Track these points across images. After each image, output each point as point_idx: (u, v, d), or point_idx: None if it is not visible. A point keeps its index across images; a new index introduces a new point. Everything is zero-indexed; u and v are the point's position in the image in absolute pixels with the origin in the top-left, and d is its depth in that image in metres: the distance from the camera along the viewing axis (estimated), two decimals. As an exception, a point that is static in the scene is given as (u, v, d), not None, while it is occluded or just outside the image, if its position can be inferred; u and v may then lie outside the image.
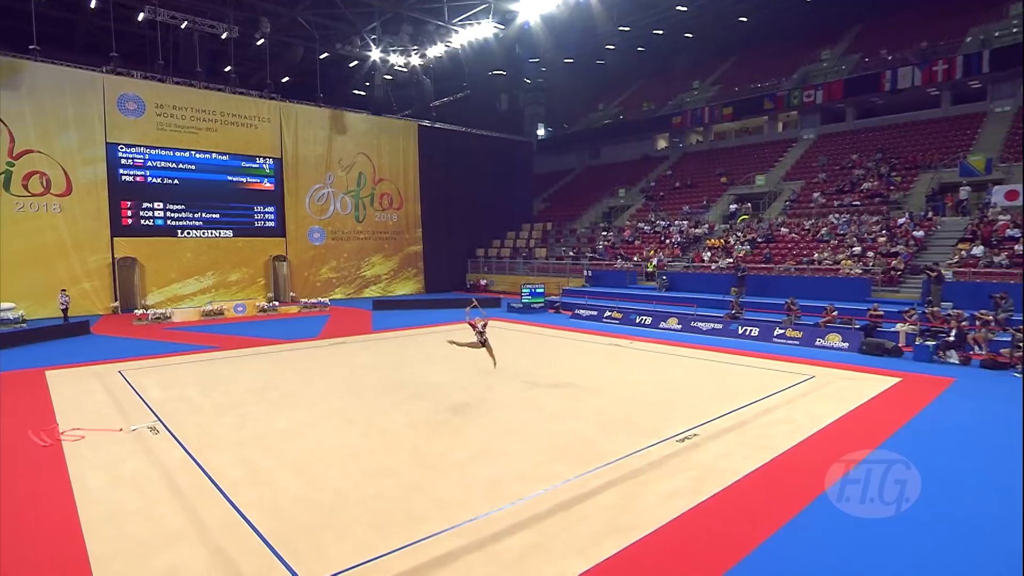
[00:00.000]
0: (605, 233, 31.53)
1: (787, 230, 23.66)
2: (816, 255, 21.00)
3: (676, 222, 28.82)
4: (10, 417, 9.17)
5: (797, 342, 15.18)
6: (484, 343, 10.02)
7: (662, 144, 39.53)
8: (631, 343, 15.09)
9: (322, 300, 24.69)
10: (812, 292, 18.76)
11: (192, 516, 5.80)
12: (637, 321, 18.98)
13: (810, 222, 23.50)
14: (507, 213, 36.62)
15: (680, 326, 17.90)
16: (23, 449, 7.74)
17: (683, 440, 7.72)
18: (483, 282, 32.91)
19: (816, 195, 25.43)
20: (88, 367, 12.80)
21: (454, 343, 10.23)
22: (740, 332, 16.53)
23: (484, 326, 10.01)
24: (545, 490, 6.22)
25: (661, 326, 18.22)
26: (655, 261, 25.38)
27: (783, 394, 10.01)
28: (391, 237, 31.89)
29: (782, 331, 15.76)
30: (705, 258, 24.35)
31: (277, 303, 24.10)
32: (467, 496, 6.11)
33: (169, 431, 8.34)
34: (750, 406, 9.20)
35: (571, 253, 30.77)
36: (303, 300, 24.67)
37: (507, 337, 16.95)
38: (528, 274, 30.96)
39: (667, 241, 27.39)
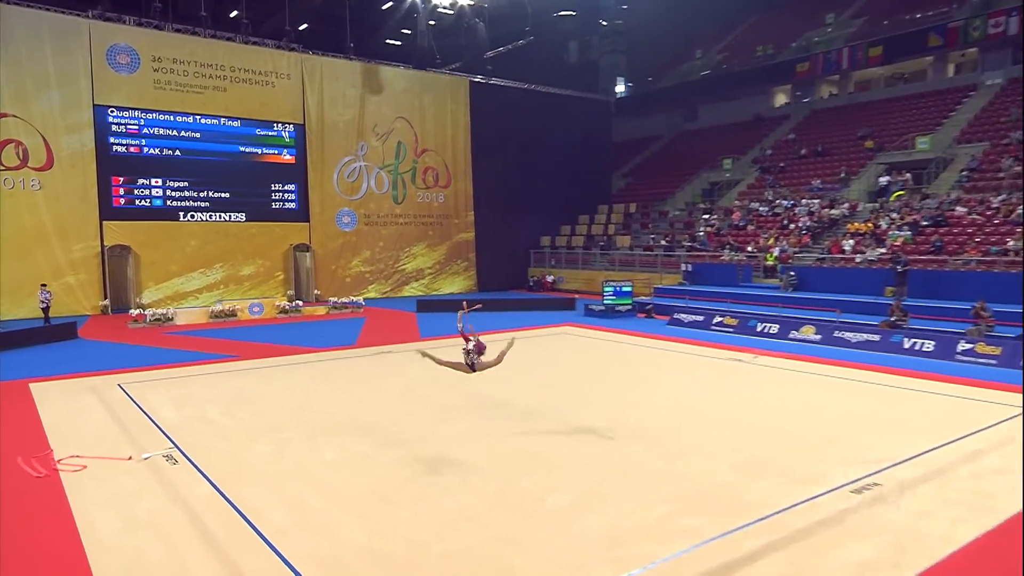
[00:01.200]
0: (707, 216, 30.91)
1: (965, 209, 22.33)
2: (1011, 243, 19.72)
3: (803, 201, 27.84)
4: (-6, 439, 9.40)
5: (995, 361, 14.19)
6: (473, 365, 8.70)
7: (781, 100, 38.37)
8: (755, 358, 14.94)
9: (355, 299, 25.06)
10: (1008, 294, 17.53)
11: (232, 571, 5.63)
12: (759, 329, 18.60)
13: (999, 198, 22.09)
14: (579, 192, 36.36)
15: (819, 336, 17.28)
16: (12, 481, 7.78)
17: (859, 491, 7.25)
18: (550, 278, 32.85)
19: (1007, 161, 23.88)
20: (80, 379, 13.20)
21: (429, 356, 8.66)
22: (907, 346, 15.65)
23: (475, 346, 8.75)
24: (684, 551, 5.92)
25: (792, 336, 17.73)
26: (776, 252, 24.73)
27: (989, 433, 9.35)
28: (437, 222, 32.12)
29: (970, 345, 14.78)
30: (846, 248, 23.32)
31: (301, 303, 24.48)
32: (581, 556, 5.85)
33: (190, 460, 8.34)
34: (945, 447, 8.73)
35: (663, 242, 30.31)
36: (332, 299, 25.05)
37: (589, 347, 17.02)
38: (607, 269, 30.70)
39: (791, 226, 26.54)
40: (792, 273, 22.51)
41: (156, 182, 25.36)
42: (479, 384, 11.76)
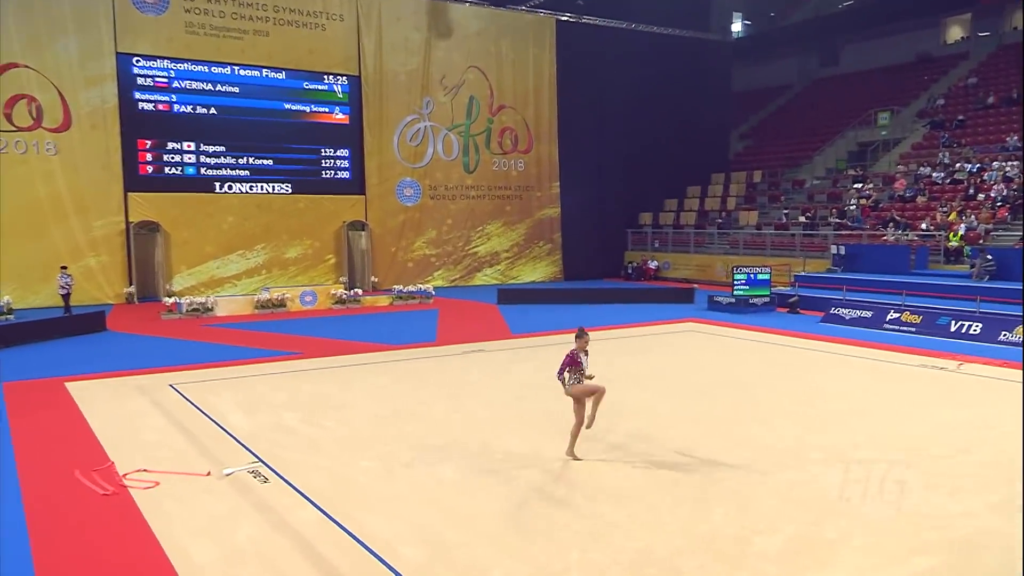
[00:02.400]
0: (858, 186, 30.13)
1: None
2: None
3: (995, 164, 26.82)
4: (40, 449, 9.48)
5: None
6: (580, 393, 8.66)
7: (956, 34, 37.04)
8: (959, 365, 14.54)
9: (425, 288, 25.20)
10: None
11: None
12: (953, 329, 17.99)
13: None
14: (689, 157, 35.78)
15: (1046, 339, 16.56)
16: (75, 499, 7.75)
17: None
18: (653, 264, 32.58)
19: None
20: (123, 378, 13.48)
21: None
22: None
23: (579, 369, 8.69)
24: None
25: (1004, 339, 16.96)
26: (961, 230, 24.01)
27: None
28: (515, 195, 32.03)
29: None
30: (1064, 224, 22.25)
31: (360, 292, 24.77)
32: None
33: (282, 478, 8.23)
34: None
35: (802, 219, 29.61)
36: (397, 287, 25.22)
37: (727, 348, 17.10)
38: (729, 252, 30.24)
39: (980, 196, 25.65)
40: (989, 257, 21.57)
41: (188, 146, 25.83)
42: (608, 391, 11.63)
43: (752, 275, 22.96)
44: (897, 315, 19.08)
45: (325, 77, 27.85)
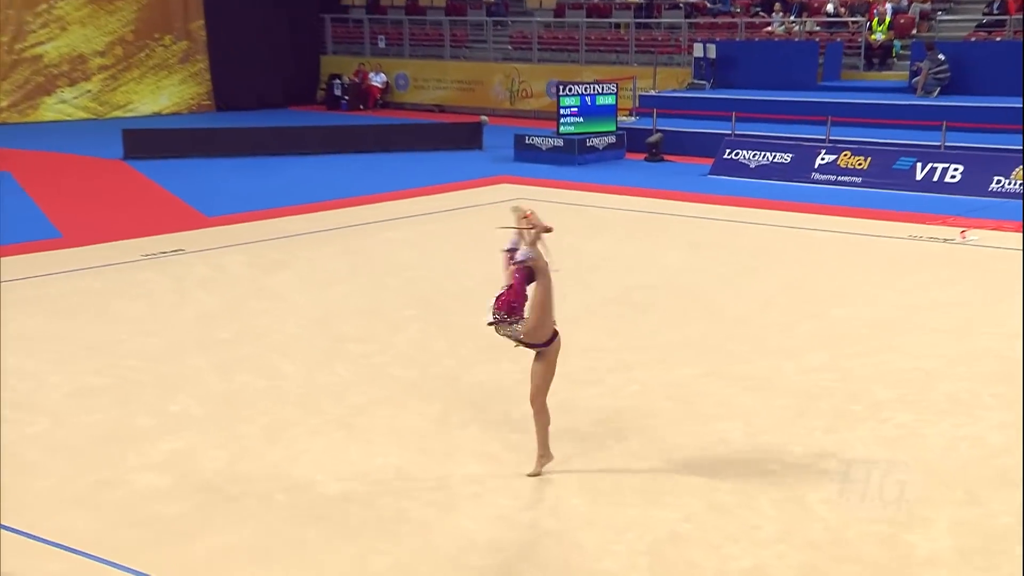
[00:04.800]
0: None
1: None
2: None
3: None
4: None
5: None
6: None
7: None
8: (963, 233, 16.14)
9: None
10: None
11: None
12: (920, 176, 19.48)
13: None
14: None
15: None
16: None
17: None
18: (379, 79, 32.42)
19: None
20: None
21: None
22: None
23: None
24: None
25: (998, 186, 18.41)
26: (888, 14, 25.27)
27: None
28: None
29: None
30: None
31: None
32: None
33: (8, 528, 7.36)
34: None
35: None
36: None
37: (588, 224, 17.54)
38: (510, 58, 30.66)
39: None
40: (941, 58, 22.79)
41: None
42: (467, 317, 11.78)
43: (588, 98, 23.42)
44: (832, 158, 20.32)
45: None
